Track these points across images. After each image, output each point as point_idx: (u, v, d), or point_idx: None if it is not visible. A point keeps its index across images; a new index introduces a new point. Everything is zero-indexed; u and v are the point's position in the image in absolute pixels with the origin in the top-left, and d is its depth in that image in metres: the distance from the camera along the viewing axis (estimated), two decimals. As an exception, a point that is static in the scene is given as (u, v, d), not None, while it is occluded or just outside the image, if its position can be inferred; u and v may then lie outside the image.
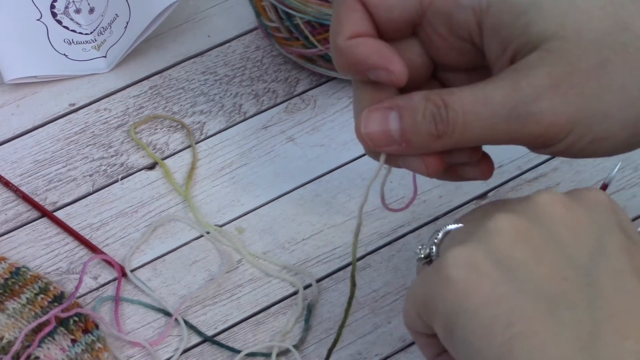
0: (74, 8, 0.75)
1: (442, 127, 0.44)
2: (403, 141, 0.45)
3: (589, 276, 0.40)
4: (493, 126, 0.44)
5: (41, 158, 0.68)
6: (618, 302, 0.40)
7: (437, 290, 0.41)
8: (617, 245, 0.42)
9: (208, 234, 0.64)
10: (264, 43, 0.73)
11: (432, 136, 0.45)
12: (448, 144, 0.45)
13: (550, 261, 0.41)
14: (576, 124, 0.44)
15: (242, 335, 0.60)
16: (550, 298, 0.40)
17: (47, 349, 0.58)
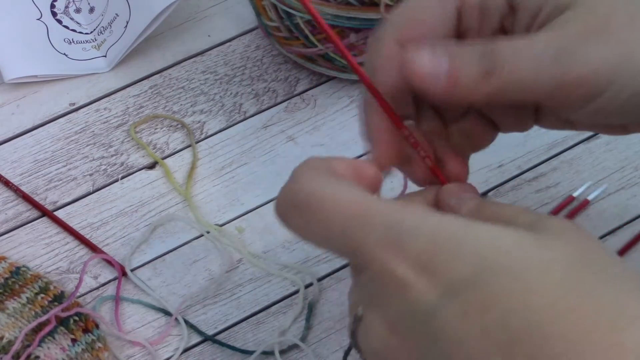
0: (74, 7, 0.75)
1: (491, 65, 0.44)
2: (451, 78, 0.45)
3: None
4: (539, 68, 0.44)
5: (41, 157, 0.68)
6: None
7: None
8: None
9: (208, 234, 0.64)
10: (264, 42, 0.73)
11: (480, 75, 0.44)
12: (493, 87, 0.44)
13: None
14: (619, 73, 0.44)
15: (242, 334, 0.60)
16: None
17: (47, 348, 0.58)
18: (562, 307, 0.37)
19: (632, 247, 0.63)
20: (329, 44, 0.67)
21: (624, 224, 0.64)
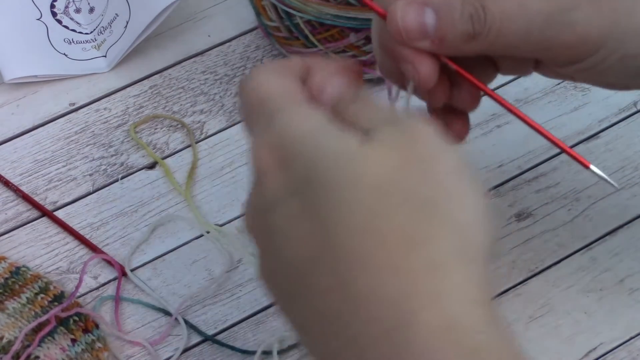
0: (74, 7, 0.75)
1: (478, 27, 0.44)
2: (437, 37, 0.45)
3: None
4: (528, 33, 0.44)
5: (41, 157, 0.68)
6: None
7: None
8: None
9: (208, 234, 0.64)
10: (264, 42, 0.73)
11: (467, 36, 0.45)
12: (480, 46, 0.45)
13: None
14: (608, 39, 0.45)
15: (242, 334, 0.60)
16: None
17: (47, 348, 0.58)
18: (355, 225, 0.38)
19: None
20: (329, 43, 0.67)
21: (624, 224, 0.64)
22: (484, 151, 0.68)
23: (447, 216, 0.39)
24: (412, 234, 0.38)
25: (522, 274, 0.62)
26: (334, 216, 0.39)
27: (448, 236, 0.38)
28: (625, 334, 0.60)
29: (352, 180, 0.39)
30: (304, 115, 0.41)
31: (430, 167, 0.39)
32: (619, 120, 0.69)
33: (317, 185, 0.39)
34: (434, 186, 0.39)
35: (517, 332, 0.60)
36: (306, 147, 0.40)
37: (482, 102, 0.70)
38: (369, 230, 0.38)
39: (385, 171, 0.39)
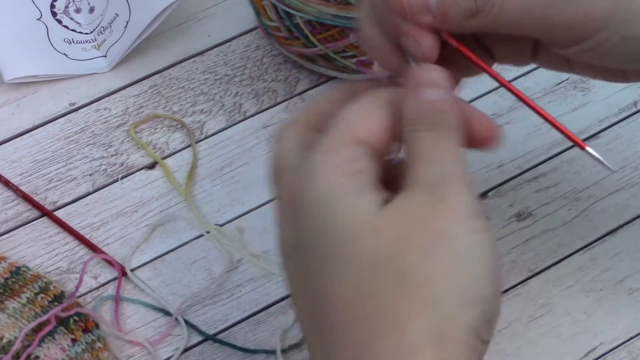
0: (74, 7, 0.75)
1: (481, 4, 0.44)
2: (439, 12, 0.45)
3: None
4: (530, 10, 0.44)
5: (41, 157, 0.68)
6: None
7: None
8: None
9: (208, 234, 0.64)
10: (264, 42, 0.73)
11: (469, 12, 0.45)
12: (482, 23, 0.45)
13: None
14: (610, 19, 0.45)
15: (242, 334, 0.60)
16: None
17: (47, 348, 0.58)
18: (342, 301, 0.40)
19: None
20: (329, 44, 0.67)
21: (624, 224, 0.64)
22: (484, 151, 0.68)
23: (432, 298, 0.39)
24: (389, 315, 0.39)
25: (522, 274, 0.62)
26: (328, 289, 0.40)
27: (426, 318, 0.39)
28: (625, 334, 0.60)
29: (350, 254, 0.40)
30: (334, 167, 0.42)
31: (435, 245, 0.40)
32: (619, 120, 0.69)
33: (318, 252, 0.41)
34: (430, 266, 0.39)
35: (517, 332, 0.60)
36: (317, 207, 0.41)
37: (481, 102, 0.70)
38: (354, 308, 0.39)
39: (386, 246, 0.40)
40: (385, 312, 0.39)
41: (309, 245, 0.41)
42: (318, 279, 0.40)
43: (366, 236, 0.40)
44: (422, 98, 0.43)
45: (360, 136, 0.43)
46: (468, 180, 0.42)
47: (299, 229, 0.41)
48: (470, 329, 0.39)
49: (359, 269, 0.39)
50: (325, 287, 0.40)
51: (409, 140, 0.43)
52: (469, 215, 0.41)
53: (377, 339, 0.39)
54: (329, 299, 0.40)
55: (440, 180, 0.41)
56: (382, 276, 0.39)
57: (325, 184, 0.41)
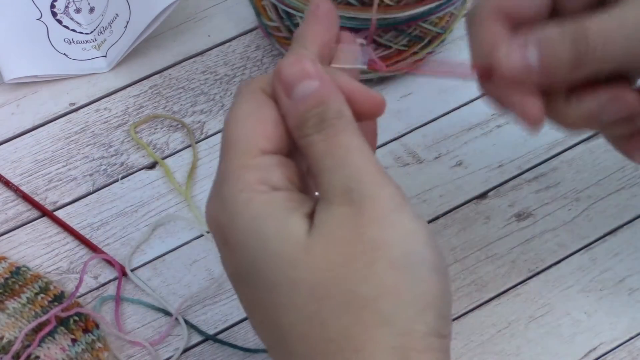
0: (74, 7, 0.75)
1: (583, 53, 0.45)
2: (543, 70, 0.45)
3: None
4: (630, 49, 0.45)
5: (41, 157, 0.68)
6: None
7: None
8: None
9: (208, 234, 0.64)
10: (264, 42, 0.73)
11: (573, 62, 0.45)
12: (587, 70, 0.45)
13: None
14: None
15: (242, 334, 0.60)
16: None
17: (47, 348, 0.58)
18: (298, 331, 0.40)
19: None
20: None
21: (624, 224, 0.64)
22: (484, 151, 0.68)
23: (384, 316, 0.39)
24: (347, 340, 0.39)
25: (522, 274, 0.62)
26: (281, 319, 0.40)
27: (384, 337, 0.39)
28: (625, 334, 0.60)
29: (293, 286, 0.40)
30: (251, 191, 0.41)
31: (372, 261, 0.39)
32: (619, 120, 0.69)
33: (262, 283, 0.40)
34: (373, 284, 0.39)
35: (517, 332, 0.60)
36: (250, 240, 0.40)
37: (482, 102, 0.70)
38: (309, 338, 0.39)
39: (325, 272, 0.39)
40: (341, 338, 0.39)
41: (249, 276, 0.41)
42: (267, 308, 0.40)
43: (303, 264, 0.39)
44: (295, 100, 0.42)
45: (259, 147, 0.42)
46: (378, 170, 0.40)
47: (236, 260, 0.41)
48: (428, 334, 0.39)
49: (304, 299, 0.39)
50: (276, 317, 0.40)
51: (303, 147, 0.42)
52: (393, 210, 0.40)
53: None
54: (282, 328, 0.40)
55: (352, 186, 0.40)
56: (329, 303, 0.39)
57: (250, 211, 0.40)
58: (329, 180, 0.40)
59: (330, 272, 0.39)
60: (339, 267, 0.39)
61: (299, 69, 0.42)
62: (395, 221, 0.40)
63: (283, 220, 0.40)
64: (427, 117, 0.69)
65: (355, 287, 0.39)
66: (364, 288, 0.39)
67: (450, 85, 0.71)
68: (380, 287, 0.39)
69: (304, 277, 0.39)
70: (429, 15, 0.66)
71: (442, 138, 0.68)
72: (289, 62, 0.43)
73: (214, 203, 0.42)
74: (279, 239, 0.40)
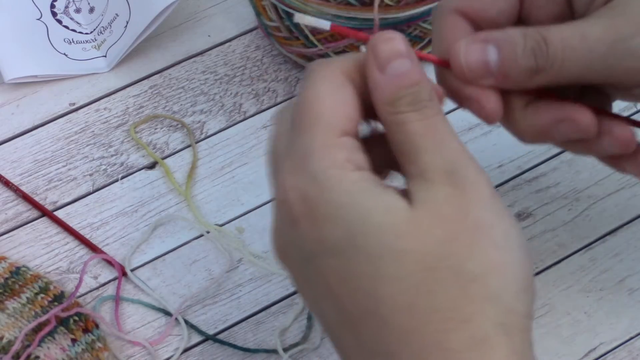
0: (74, 7, 0.75)
1: (541, 62, 0.44)
2: (500, 74, 0.45)
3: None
4: (590, 63, 0.44)
5: (41, 157, 0.68)
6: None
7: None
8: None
9: (208, 234, 0.64)
10: (264, 42, 0.73)
11: (530, 71, 0.45)
12: (544, 79, 0.45)
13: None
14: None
15: (242, 334, 0.60)
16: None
17: (47, 348, 0.58)
18: (401, 301, 0.39)
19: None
20: (328, 44, 0.67)
21: (624, 224, 0.64)
22: (484, 151, 0.68)
23: (491, 292, 0.39)
24: (455, 312, 0.39)
25: (522, 274, 0.62)
26: (380, 289, 0.40)
27: (491, 311, 0.39)
28: (625, 334, 0.60)
29: (399, 257, 0.40)
30: (342, 168, 0.41)
31: (478, 239, 0.40)
32: (619, 120, 0.69)
33: (361, 254, 0.40)
34: (480, 261, 0.40)
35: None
36: (348, 212, 0.40)
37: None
38: (414, 308, 0.39)
39: (433, 246, 0.40)
40: (448, 309, 0.39)
41: (341, 249, 0.40)
42: (362, 279, 0.40)
43: (410, 236, 0.40)
44: (390, 75, 0.42)
45: (342, 128, 0.42)
46: (472, 157, 0.42)
47: (327, 233, 0.41)
48: (527, 315, 0.40)
49: (411, 269, 0.39)
50: (373, 288, 0.40)
51: (395, 124, 0.42)
52: (492, 198, 0.41)
53: (447, 334, 0.39)
54: (380, 299, 0.40)
55: (454, 168, 0.41)
56: (438, 275, 0.39)
57: (345, 185, 0.41)
58: (429, 160, 0.41)
59: (438, 246, 0.40)
60: (445, 242, 0.40)
61: (395, 47, 0.43)
62: (495, 205, 0.41)
63: (381, 194, 0.41)
64: (427, 117, 0.69)
65: (463, 262, 0.39)
66: (471, 264, 0.39)
67: (450, 85, 0.71)
68: (486, 264, 0.40)
69: (411, 248, 0.40)
70: (429, 15, 0.66)
71: (442, 138, 0.68)
72: (385, 38, 0.43)
73: (300, 177, 0.42)
74: (381, 211, 0.40)
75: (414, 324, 0.39)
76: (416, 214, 0.40)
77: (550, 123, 0.47)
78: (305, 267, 0.42)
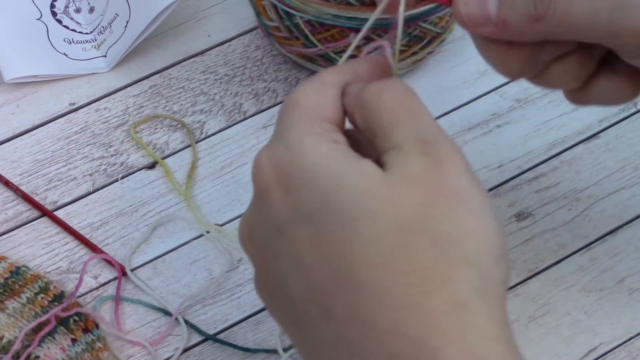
0: (74, 7, 0.75)
1: (541, 8, 0.44)
2: (499, 21, 0.45)
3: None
4: (595, 15, 0.44)
5: (41, 157, 0.68)
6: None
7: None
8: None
9: (208, 234, 0.64)
10: (264, 42, 0.73)
11: (530, 17, 0.44)
12: (545, 29, 0.44)
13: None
14: None
15: (242, 334, 0.60)
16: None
17: (47, 348, 0.58)
18: (377, 262, 0.39)
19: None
20: (329, 43, 0.67)
21: (623, 224, 0.64)
22: (484, 151, 0.68)
23: (469, 256, 0.39)
24: (434, 273, 0.39)
25: (522, 274, 0.62)
26: (355, 251, 0.39)
27: (470, 275, 0.39)
28: (625, 334, 0.60)
29: (375, 218, 0.39)
30: (318, 138, 0.41)
31: (455, 205, 0.40)
32: (619, 120, 0.69)
33: (335, 218, 0.40)
34: (457, 226, 0.39)
35: (517, 332, 0.60)
36: (321, 177, 0.40)
37: (481, 102, 0.70)
38: (391, 269, 0.39)
39: (409, 209, 0.39)
40: (426, 270, 0.38)
41: (316, 213, 0.40)
42: (341, 243, 0.39)
43: (386, 198, 0.39)
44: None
45: (322, 115, 0.43)
46: (447, 133, 0.42)
47: (300, 199, 0.41)
48: (502, 283, 0.40)
49: (387, 230, 0.39)
50: (349, 250, 0.39)
51: (365, 101, 0.42)
52: (467, 171, 0.41)
53: (426, 297, 0.38)
54: (355, 261, 0.39)
55: (430, 139, 0.41)
56: (415, 237, 0.39)
57: (319, 151, 0.41)
58: (404, 131, 0.41)
59: (414, 208, 0.39)
60: (422, 206, 0.39)
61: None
62: (471, 177, 0.41)
63: (356, 161, 0.41)
64: (427, 117, 0.69)
65: (440, 225, 0.39)
66: (448, 227, 0.39)
67: (451, 85, 0.71)
68: (464, 229, 0.39)
69: (386, 209, 0.39)
70: (429, 15, 0.66)
71: (442, 138, 0.68)
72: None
73: (272, 147, 0.42)
74: (355, 175, 0.40)
75: (391, 285, 0.39)
76: (391, 178, 0.40)
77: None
78: (273, 242, 0.42)
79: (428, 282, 0.38)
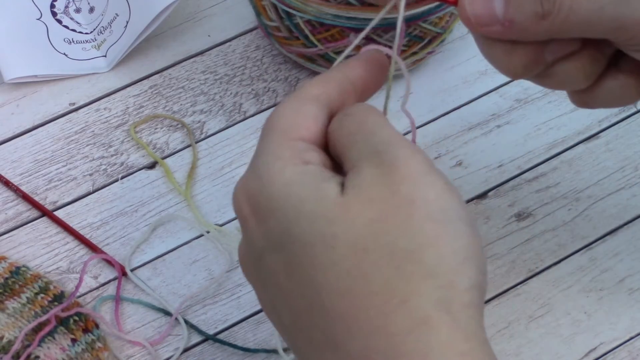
0: (74, 7, 0.75)
1: (547, 6, 0.44)
2: (506, 20, 0.44)
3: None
4: (600, 8, 0.43)
5: (41, 157, 0.68)
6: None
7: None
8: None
9: (208, 234, 0.64)
10: (264, 42, 0.73)
11: (536, 16, 0.44)
12: (551, 27, 0.44)
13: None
14: None
15: (242, 334, 0.60)
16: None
17: (47, 348, 0.58)
18: (338, 287, 0.39)
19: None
20: (329, 43, 0.67)
21: (623, 224, 0.64)
22: (484, 151, 0.68)
23: (428, 268, 0.38)
24: (392, 292, 0.38)
25: (522, 274, 0.62)
26: (318, 278, 0.39)
27: (429, 289, 0.38)
28: (625, 334, 0.60)
29: (329, 242, 0.39)
30: (284, 162, 0.41)
31: (409, 214, 0.39)
32: (619, 120, 0.69)
33: (298, 245, 0.40)
34: (412, 237, 0.39)
35: (517, 332, 0.60)
36: (283, 204, 0.41)
37: (481, 102, 0.70)
38: (352, 293, 0.39)
39: (363, 227, 0.39)
40: (385, 291, 0.38)
41: (282, 241, 0.40)
42: (303, 269, 0.40)
43: (339, 221, 0.39)
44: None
45: (297, 134, 0.43)
46: (407, 141, 0.41)
47: (270, 227, 0.41)
48: (471, 287, 0.39)
49: (343, 253, 0.39)
50: (313, 277, 0.39)
51: (333, 131, 0.43)
52: (425, 172, 0.40)
53: (387, 318, 0.38)
54: (320, 288, 0.39)
55: (381, 149, 0.40)
56: (371, 257, 0.39)
57: (283, 177, 0.41)
58: (358, 149, 0.41)
59: (368, 227, 0.39)
60: (376, 223, 0.39)
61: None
62: (429, 180, 0.40)
63: (317, 185, 0.41)
64: (427, 117, 0.70)
65: (395, 240, 0.39)
66: (403, 241, 0.39)
67: (451, 85, 0.71)
68: (421, 240, 0.39)
69: (341, 232, 0.39)
70: (429, 15, 0.66)
71: (442, 138, 0.68)
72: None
73: (246, 176, 0.43)
74: (313, 200, 0.40)
75: (353, 310, 0.38)
76: (345, 199, 0.40)
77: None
78: (258, 269, 0.42)
79: (387, 303, 0.38)
